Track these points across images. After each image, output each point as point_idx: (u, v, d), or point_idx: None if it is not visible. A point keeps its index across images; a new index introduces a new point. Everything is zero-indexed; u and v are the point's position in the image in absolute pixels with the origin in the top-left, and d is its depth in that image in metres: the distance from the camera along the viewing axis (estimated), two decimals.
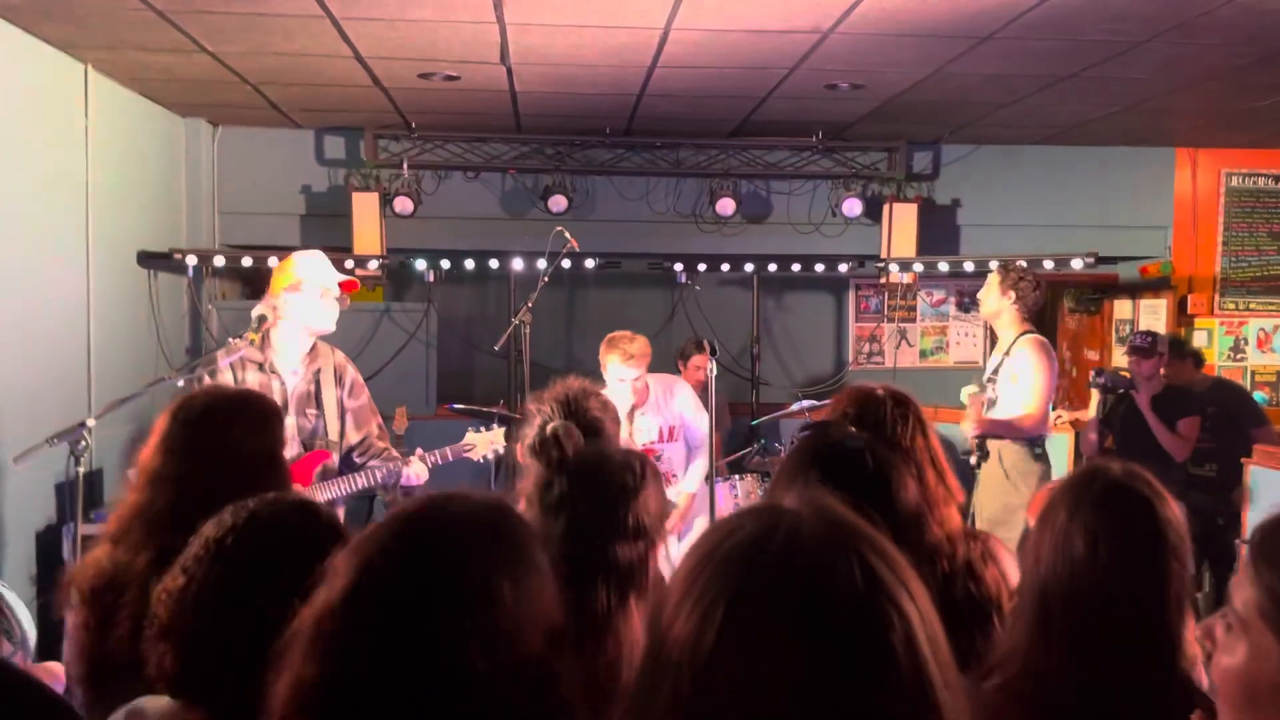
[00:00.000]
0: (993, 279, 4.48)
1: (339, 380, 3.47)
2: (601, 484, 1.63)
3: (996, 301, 4.45)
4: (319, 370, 3.45)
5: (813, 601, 0.77)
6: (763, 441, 5.78)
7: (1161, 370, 5.17)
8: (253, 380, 3.35)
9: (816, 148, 6.65)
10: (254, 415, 1.96)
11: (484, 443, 3.75)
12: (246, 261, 6.11)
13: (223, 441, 1.88)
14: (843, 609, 0.77)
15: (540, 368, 5.31)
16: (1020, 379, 4.25)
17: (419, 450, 3.54)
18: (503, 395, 6.09)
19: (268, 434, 1.95)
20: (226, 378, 3.35)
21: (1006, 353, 4.38)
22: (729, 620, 0.77)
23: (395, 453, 3.55)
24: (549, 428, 1.75)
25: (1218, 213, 7.23)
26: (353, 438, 3.49)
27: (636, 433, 4.39)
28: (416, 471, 3.49)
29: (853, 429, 1.80)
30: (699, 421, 4.47)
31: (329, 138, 6.61)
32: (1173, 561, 1.51)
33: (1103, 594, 1.48)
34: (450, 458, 3.63)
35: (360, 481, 3.40)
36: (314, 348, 3.47)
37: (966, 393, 4.25)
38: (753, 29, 4.30)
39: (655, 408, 4.43)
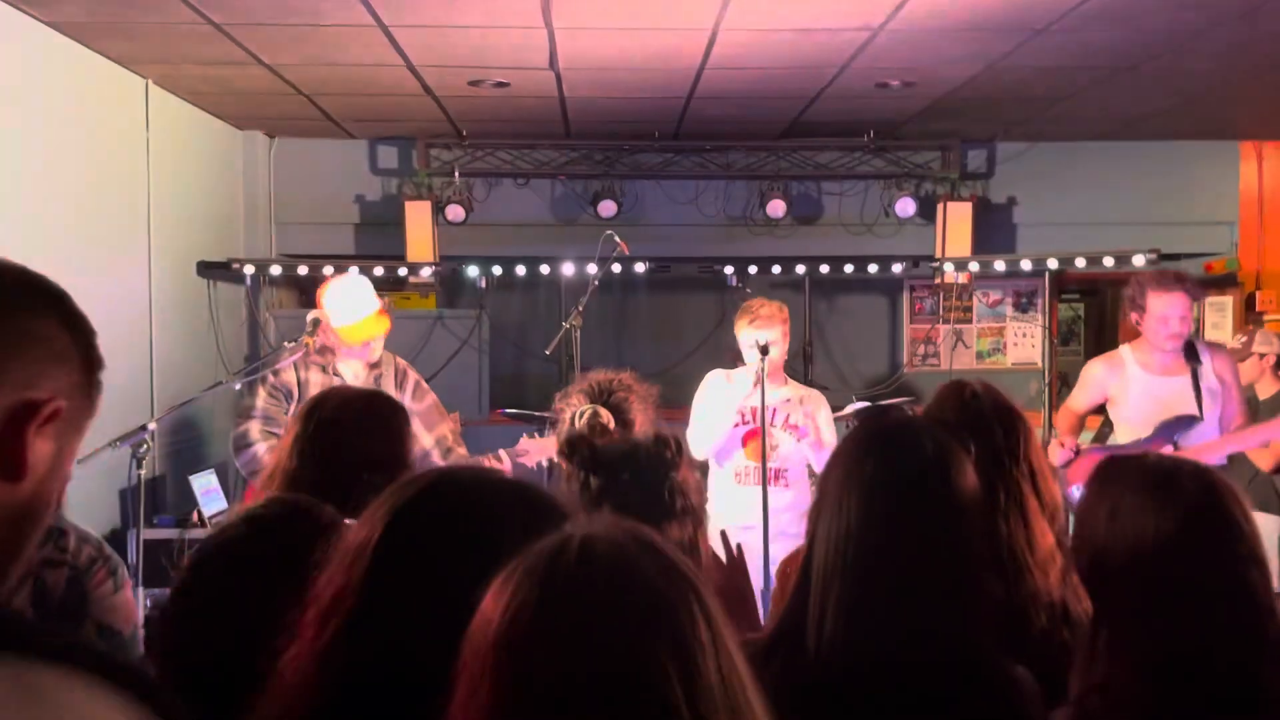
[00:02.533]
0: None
1: (400, 384, 3.57)
2: (637, 469, 1.62)
3: None
4: (379, 374, 3.54)
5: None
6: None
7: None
8: (315, 380, 3.44)
9: (868, 147, 6.58)
10: (382, 416, 1.99)
11: (537, 449, 3.79)
12: (302, 271, 6.20)
13: (352, 442, 1.91)
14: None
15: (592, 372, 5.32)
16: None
17: (495, 452, 3.65)
18: (554, 400, 6.10)
19: (395, 434, 1.99)
20: (289, 376, 3.43)
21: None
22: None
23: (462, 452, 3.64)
24: (579, 415, 1.74)
25: None
26: (425, 441, 3.54)
27: (755, 401, 3.88)
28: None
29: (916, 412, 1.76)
30: (829, 440, 4.02)
31: (382, 147, 6.69)
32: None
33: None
34: (505, 459, 3.68)
35: None
36: (379, 356, 3.59)
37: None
38: (801, 28, 4.26)
39: (793, 398, 4.09)
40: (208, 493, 4.78)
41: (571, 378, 5.00)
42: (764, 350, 3.75)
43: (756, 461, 3.81)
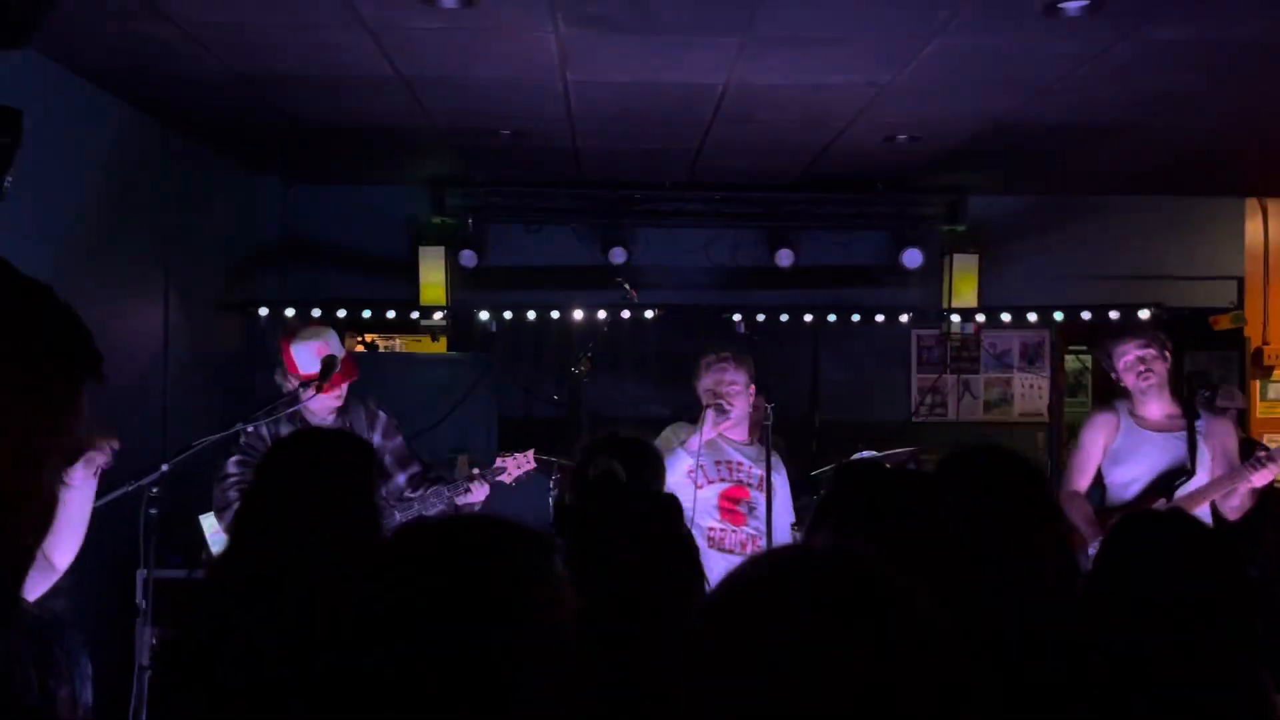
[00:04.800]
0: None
1: (370, 425, 3.64)
2: (641, 528, 1.64)
3: None
4: (349, 419, 3.64)
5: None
6: (823, 493, 5.72)
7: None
8: (285, 431, 3.49)
9: (876, 198, 6.66)
10: (345, 455, 2.03)
11: (513, 466, 3.88)
12: (316, 313, 6.26)
13: (313, 480, 1.95)
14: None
15: (599, 417, 5.36)
16: None
17: (474, 470, 3.75)
18: (561, 443, 6.13)
19: (357, 473, 2.02)
20: (264, 431, 3.49)
21: None
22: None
23: (455, 477, 3.74)
24: (595, 466, 1.78)
25: None
26: (399, 477, 3.64)
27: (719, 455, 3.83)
28: (478, 490, 3.69)
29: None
30: (787, 504, 3.96)
31: (396, 192, 6.78)
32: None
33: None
34: (478, 486, 3.77)
35: (414, 514, 3.54)
36: (345, 402, 3.68)
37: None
38: (811, 84, 4.35)
39: (752, 450, 3.91)
40: (216, 534, 4.80)
41: (580, 422, 5.05)
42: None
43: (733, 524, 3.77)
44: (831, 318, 6.79)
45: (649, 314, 6.51)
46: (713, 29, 3.68)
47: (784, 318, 6.82)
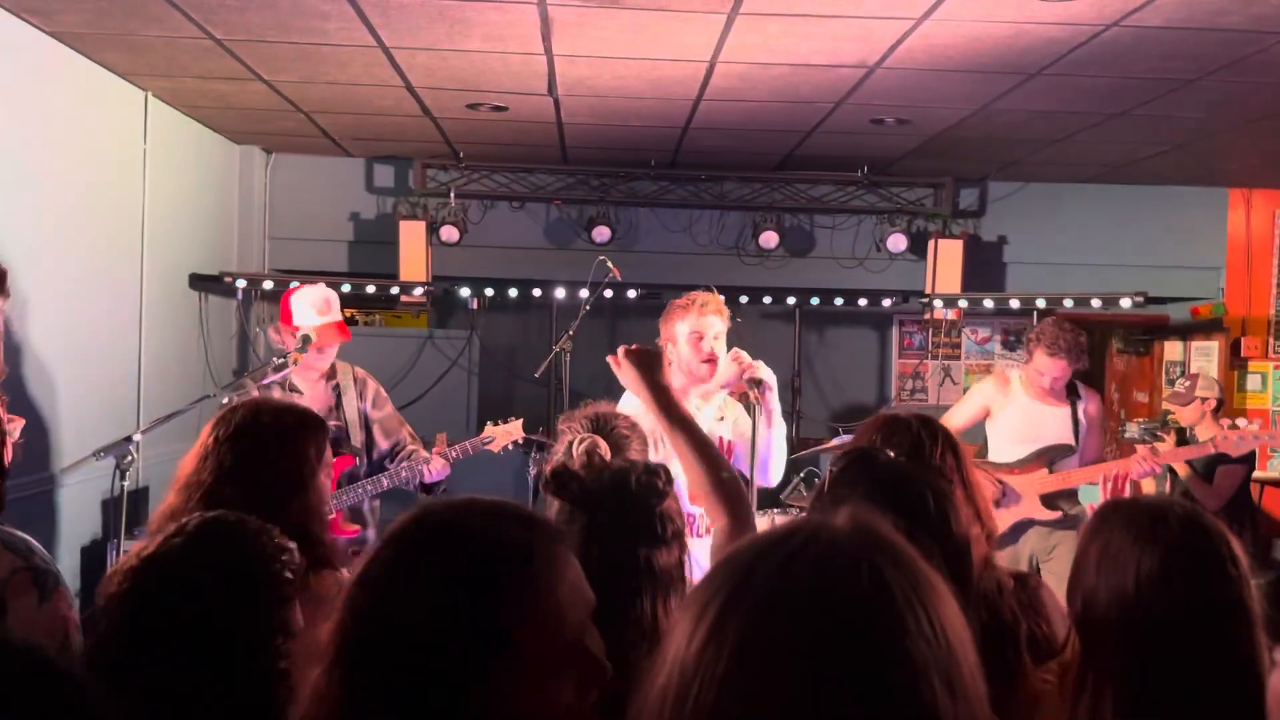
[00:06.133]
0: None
1: (360, 393, 3.64)
2: (629, 498, 1.62)
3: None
4: (337, 384, 3.65)
5: (810, 602, 0.76)
6: (804, 475, 5.73)
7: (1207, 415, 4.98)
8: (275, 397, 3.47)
9: (862, 182, 6.64)
10: (291, 427, 1.98)
11: (503, 434, 3.85)
12: (294, 286, 6.20)
13: (256, 451, 1.91)
14: (843, 613, 0.75)
15: (580, 396, 5.32)
16: None
17: (437, 447, 3.67)
18: (542, 423, 6.10)
19: (304, 445, 1.97)
20: (254, 394, 3.46)
21: None
22: (728, 615, 0.77)
23: (423, 453, 3.68)
24: (579, 443, 1.75)
25: (1272, 254, 7.10)
26: (383, 445, 3.66)
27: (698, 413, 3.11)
28: (437, 468, 3.62)
29: (890, 453, 1.77)
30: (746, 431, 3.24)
31: (378, 166, 6.72)
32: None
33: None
34: (470, 451, 3.78)
35: (384, 483, 3.57)
36: (332, 366, 3.67)
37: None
38: (798, 63, 4.31)
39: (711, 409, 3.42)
40: None
41: (561, 401, 5.01)
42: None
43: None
44: (815, 301, 6.79)
45: (631, 294, 6.48)
46: (700, 3, 3.64)
47: (767, 300, 6.81)
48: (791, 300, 6.82)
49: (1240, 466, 4.74)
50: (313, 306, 3.65)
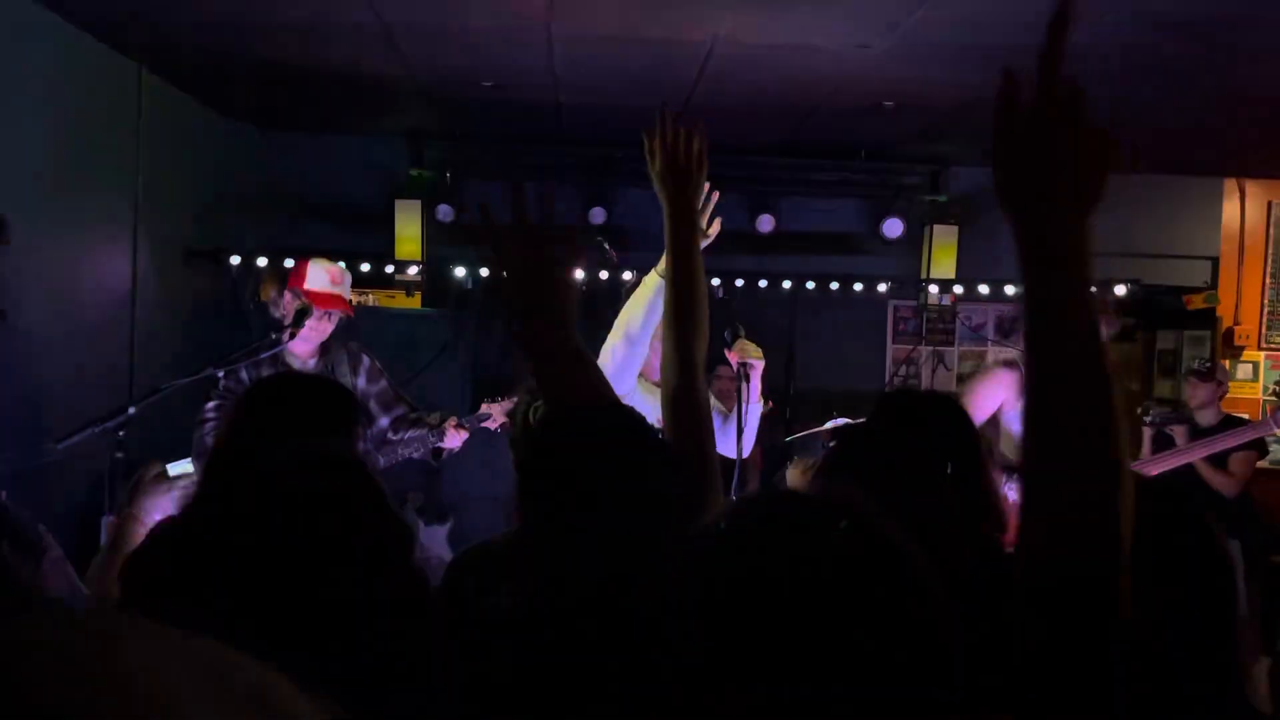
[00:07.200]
0: None
1: (353, 368, 3.61)
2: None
3: None
4: (331, 360, 3.64)
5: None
6: (795, 459, 5.74)
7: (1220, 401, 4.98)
8: (268, 374, 3.45)
9: (858, 166, 6.63)
10: (323, 401, 1.96)
11: (499, 411, 3.93)
12: (288, 263, 6.14)
13: (287, 425, 1.90)
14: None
15: None
16: None
17: (452, 419, 3.78)
18: (509, 392, 6.12)
19: (335, 419, 1.96)
20: (243, 375, 3.45)
21: None
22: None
23: (431, 420, 3.77)
24: (534, 411, 1.72)
25: (1266, 244, 7.12)
26: (381, 420, 3.64)
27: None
28: (457, 437, 3.77)
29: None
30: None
31: (374, 144, 6.69)
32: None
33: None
34: (469, 428, 3.81)
35: (397, 457, 3.65)
36: (325, 344, 3.67)
37: None
38: (798, 44, 4.30)
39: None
40: None
41: None
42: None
43: None
44: (810, 285, 6.79)
45: (627, 275, 6.47)
46: None
47: (762, 283, 6.81)
48: (787, 284, 6.82)
49: (1253, 451, 4.73)
50: (327, 273, 3.69)
